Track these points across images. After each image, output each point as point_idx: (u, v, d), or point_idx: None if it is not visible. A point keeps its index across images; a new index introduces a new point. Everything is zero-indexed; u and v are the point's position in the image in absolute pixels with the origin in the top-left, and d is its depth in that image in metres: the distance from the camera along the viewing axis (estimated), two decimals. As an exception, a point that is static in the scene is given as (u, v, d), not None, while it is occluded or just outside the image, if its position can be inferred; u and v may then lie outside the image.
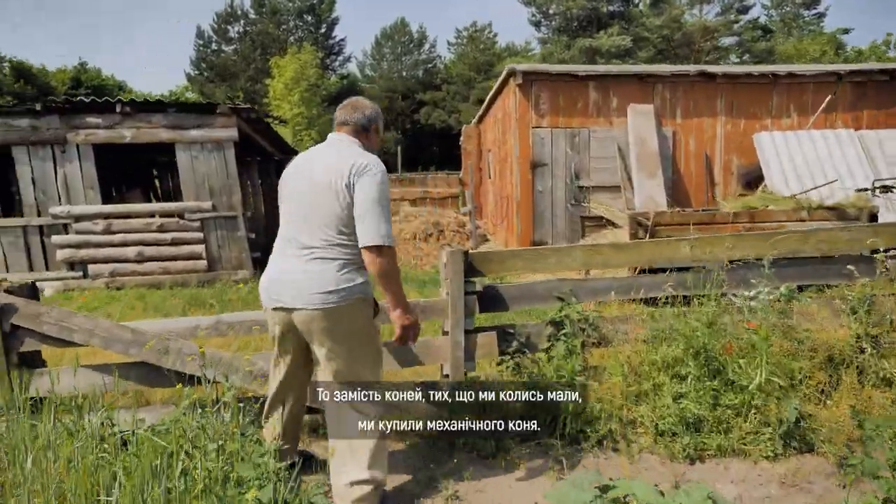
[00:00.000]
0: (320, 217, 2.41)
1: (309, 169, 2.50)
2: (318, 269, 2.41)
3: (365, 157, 2.45)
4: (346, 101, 2.69)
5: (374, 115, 2.66)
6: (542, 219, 9.42)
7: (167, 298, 7.63)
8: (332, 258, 2.41)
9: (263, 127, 10.07)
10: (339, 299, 2.40)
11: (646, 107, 9.47)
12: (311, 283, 2.40)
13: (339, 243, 2.42)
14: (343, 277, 2.41)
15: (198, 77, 48.65)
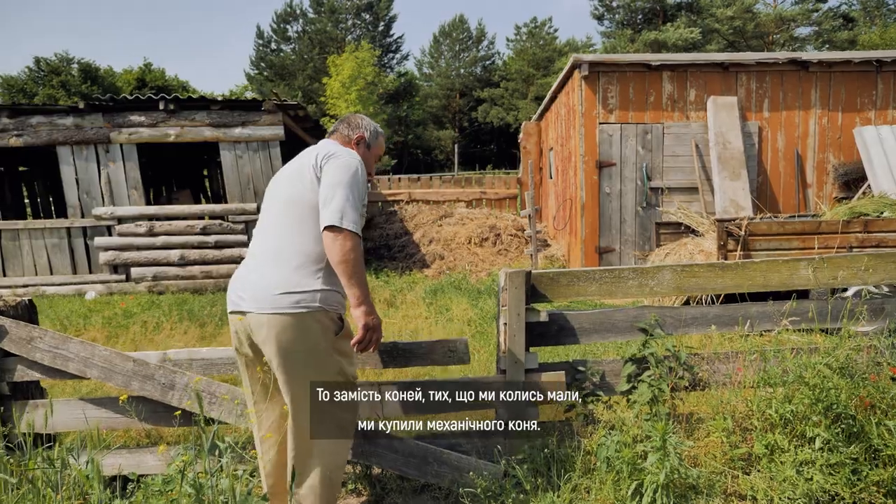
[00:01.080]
0: (282, 214, 2.23)
1: (282, 171, 2.41)
2: (272, 269, 2.16)
3: (337, 147, 2.32)
4: (344, 116, 2.61)
5: (364, 130, 2.54)
6: (610, 224, 8.67)
7: (206, 305, 7.27)
8: (287, 256, 2.16)
9: (312, 125, 9.66)
10: (291, 305, 2.10)
11: (728, 99, 8.58)
12: (263, 282, 2.15)
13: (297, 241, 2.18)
14: (298, 280, 2.13)
15: (257, 76, 49.50)
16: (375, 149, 2.60)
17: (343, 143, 2.47)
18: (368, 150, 2.55)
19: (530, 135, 12.74)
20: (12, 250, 8.18)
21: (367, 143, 2.54)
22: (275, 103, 8.11)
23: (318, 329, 2.16)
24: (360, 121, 2.56)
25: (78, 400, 2.97)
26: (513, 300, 2.79)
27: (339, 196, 2.13)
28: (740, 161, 8.43)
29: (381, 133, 2.63)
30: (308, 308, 2.12)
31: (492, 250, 10.05)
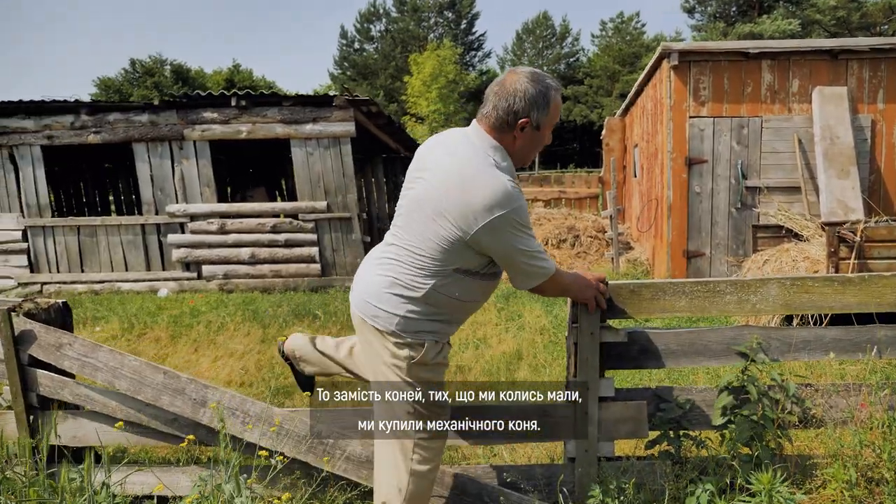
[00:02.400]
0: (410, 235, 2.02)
1: (420, 169, 2.06)
2: (379, 273, 2.07)
3: (494, 195, 1.86)
4: (500, 76, 2.02)
5: (527, 104, 1.94)
6: (700, 226, 8.02)
7: (273, 305, 7.20)
8: (394, 274, 2.03)
9: (385, 122, 9.49)
10: (371, 317, 2.04)
11: (837, 89, 7.76)
12: (366, 285, 2.10)
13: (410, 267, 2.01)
14: (389, 298, 2.03)
15: (340, 76, 50.54)
16: (550, 119, 2.02)
17: (499, 132, 1.98)
18: (538, 130, 2.01)
19: (614, 131, 12.14)
20: (90, 246, 8.42)
21: (536, 125, 1.98)
22: (346, 99, 7.97)
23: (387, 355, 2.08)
24: (523, 97, 1.94)
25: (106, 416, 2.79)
26: (585, 316, 2.41)
27: (519, 259, 1.98)
28: (850, 157, 7.60)
29: (552, 91, 1.98)
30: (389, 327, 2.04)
31: (570, 252, 9.58)
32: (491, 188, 1.87)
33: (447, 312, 2.09)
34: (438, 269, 1.99)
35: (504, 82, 1.97)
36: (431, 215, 1.94)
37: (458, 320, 2.19)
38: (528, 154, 2.07)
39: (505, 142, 1.99)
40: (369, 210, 11.98)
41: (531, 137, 2.00)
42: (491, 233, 1.88)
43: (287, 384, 4.55)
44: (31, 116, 8.19)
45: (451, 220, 1.90)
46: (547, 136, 2.07)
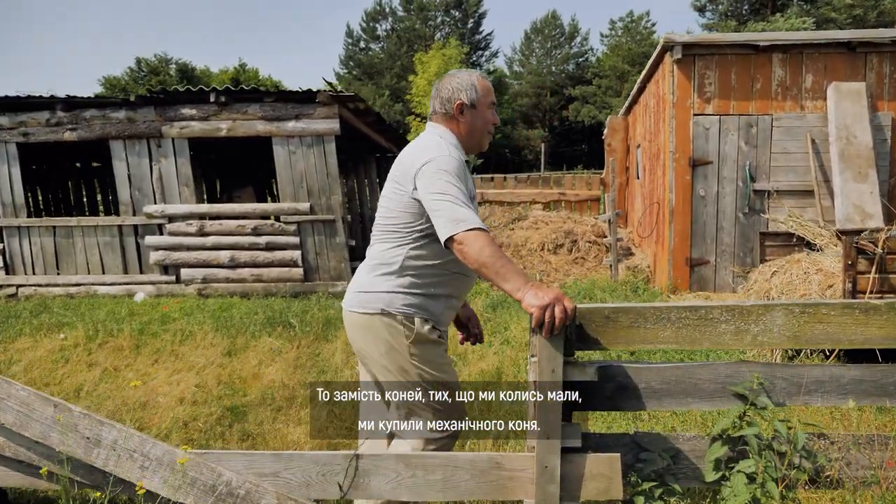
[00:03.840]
0: (379, 217, 2.22)
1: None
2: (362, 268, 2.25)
3: (428, 150, 2.09)
4: (434, 88, 2.31)
5: (455, 90, 2.21)
6: (704, 231, 7.53)
7: (249, 313, 6.77)
8: (371, 256, 2.21)
9: (374, 119, 9.05)
10: (359, 305, 2.15)
11: (854, 85, 7.24)
12: (354, 282, 2.25)
13: (381, 239, 2.19)
14: (371, 280, 2.16)
15: (346, 76, 50.16)
16: (482, 99, 2.24)
17: (445, 122, 2.23)
18: (475, 108, 2.22)
19: (616, 131, 11.65)
20: (66, 248, 8.04)
21: (471, 103, 2.21)
22: (329, 94, 7.54)
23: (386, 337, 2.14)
24: (449, 86, 2.22)
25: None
26: (545, 349, 1.95)
27: (444, 202, 1.97)
28: (868, 159, 7.09)
29: (478, 78, 2.24)
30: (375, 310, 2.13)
31: (567, 258, 9.11)
32: (427, 147, 2.10)
33: (429, 284, 2.16)
34: (404, 234, 2.11)
35: (437, 85, 2.26)
36: (390, 189, 2.14)
37: (444, 295, 2.21)
38: (478, 134, 2.25)
39: (453, 128, 2.21)
40: (361, 212, 11.56)
41: (472, 116, 2.20)
42: (422, 179, 2.01)
43: (242, 403, 4.13)
44: (6, 113, 7.82)
45: (400, 181, 2.10)
46: (488, 115, 2.25)
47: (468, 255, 1.92)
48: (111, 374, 4.78)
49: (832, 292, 4.29)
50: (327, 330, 6.06)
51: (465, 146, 2.22)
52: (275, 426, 3.72)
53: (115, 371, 4.85)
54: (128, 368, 4.90)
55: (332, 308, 7.00)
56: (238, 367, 4.87)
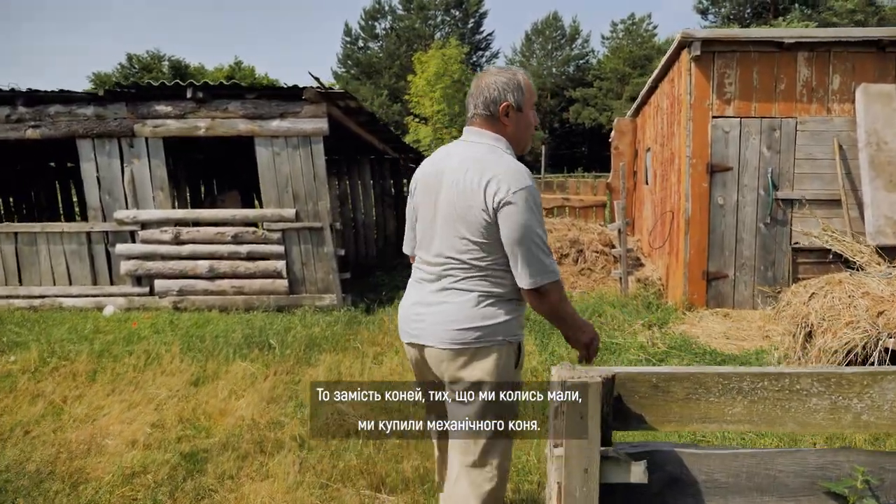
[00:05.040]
0: (452, 243, 2.02)
1: (438, 180, 2.08)
2: (452, 301, 2.04)
3: (500, 172, 1.94)
4: (473, 89, 2.12)
5: (502, 91, 2.06)
6: (722, 243, 6.99)
7: (227, 330, 6.23)
8: (468, 290, 2.03)
9: (367, 119, 8.51)
10: (475, 340, 2.00)
11: (885, 87, 6.72)
12: (444, 317, 2.04)
13: (477, 272, 2.02)
14: (481, 312, 2.01)
15: (344, 74, 49.59)
16: (527, 99, 2.13)
17: (491, 127, 2.09)
18: (521, 111, 2.11)
19: (623, 133, 11.11)
20: (29, 256, 7.47)
21: (517, 105, 2.09)
22: (317, 91, 6.98)
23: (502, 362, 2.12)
24: (495, 85, 2.08)
25: None
26: (575, 448, 1.41)
27: (527, 248, 1.94)
28: (901, 167, 6.57)
29: (523, 77, 2.12)
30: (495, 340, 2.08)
31: (572, 269, 8.56)
32: (506, 165, 1.97)
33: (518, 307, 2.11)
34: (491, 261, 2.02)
35: (477, 83, 2.11)
36: (463, 212, 1.98)
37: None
38: (523, 137, 2.15)
39: (497, 130, 2.08)
40: (354, 217, 11.02)
41: (517, 119, 2.10)
42: (507, 207, 1.92)
43: (204, 448, 3.57)
44: (-35, 109, 7.25)
45: (478, 204, 1.95)
46: (531, 116, 2.15)
47: (546, 304, 2.00)
48: (57, 408, 4.22)
49: (885, 321, 3.75)
50: (310, 353, 5.51)
51: (514, 149, 2.13)
52: (238, 481, 3.16)
53: (63, 404, 4.29)
54: (78, 401, 4.34)
55: (318, 325, 6.45)
56: (204, 400, 4.31)
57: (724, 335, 6.25)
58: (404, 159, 11.91)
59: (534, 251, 1.93)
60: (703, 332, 6.36)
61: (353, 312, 7.14)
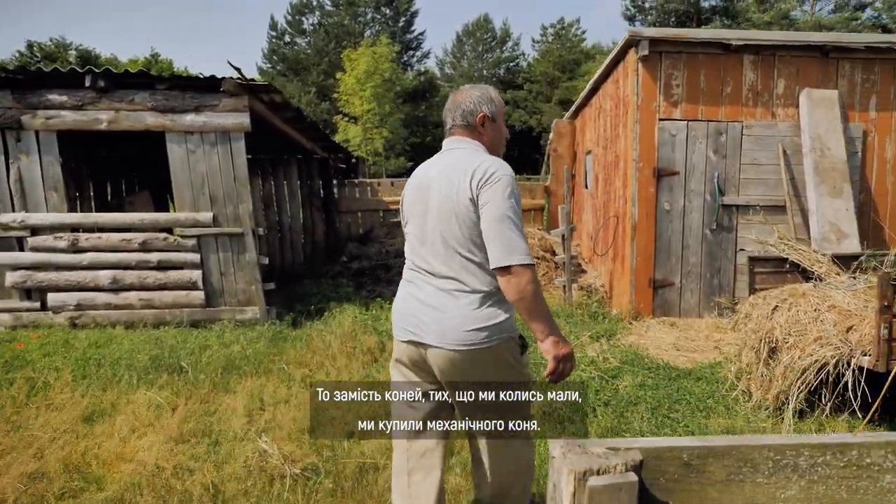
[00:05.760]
0: (446, 240, 2.16)
1: (427, 183, 2.26)
2: (455, 302, 2.14)
3: (485, 161, 2.16)
4: (451, 103, 2.37)
5: (477, 103, 2.31)
6: (669, 250, 6.81)
7: (132, 350, 5.54)
8: (469, 290, 2.15)
9: (294, 115, 7.91)
10: (482, 340, 2.12)
11: (827, 93, 6.70)
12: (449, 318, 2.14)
13: (473, 269, 2.15)
14: (484, 313, 2.14)
15: (269, 70, 48.08)
16: (499, 111, 2.37)
17: (470, 135, 2.31)
18: (495, 121, 2.35)
19: (563, 135, 10.92)
20: None
21: (491, 116, 2.33)
22: (238, 83, 6.37)
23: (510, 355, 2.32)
24: (470, 99, 2.31)
25: None
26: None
27: (504, 229, 2.05)
28: (843, 173, 6.55)
29: (494, 92, 2.37)
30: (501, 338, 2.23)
31: (513, 276, 8.22)
32: (489, 158, 2.19)
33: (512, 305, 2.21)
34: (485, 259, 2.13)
35: (454, 99, 2.35)
36: (454, 206, 2.12)
37: None
38: (497, 144, 2.39)
39: (475, 138, 2.31)
40: (280, 221, 10.36)
41: (492, 128, 2.34)
42: (486, 186, 2.08)
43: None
44: None
45: (464, 192, 2.10)
46: (503, 126, 2.41)
47: (514, 285, 2.03)
48: None
49: (857, 338, 3.54)
50: (228, 376, 4.92)
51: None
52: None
53: None
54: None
55: (238, 343, 5.85)
56: (98, 442, 3.68)
57: (673, 346, 6.04)
58: (334, 159, 11.33)
59: (507, 230, 2.04)
60: (651, 343, 6.13)
61: (279, 327, 6.55)
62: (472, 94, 2.30)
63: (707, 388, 4.69)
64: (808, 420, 3.81)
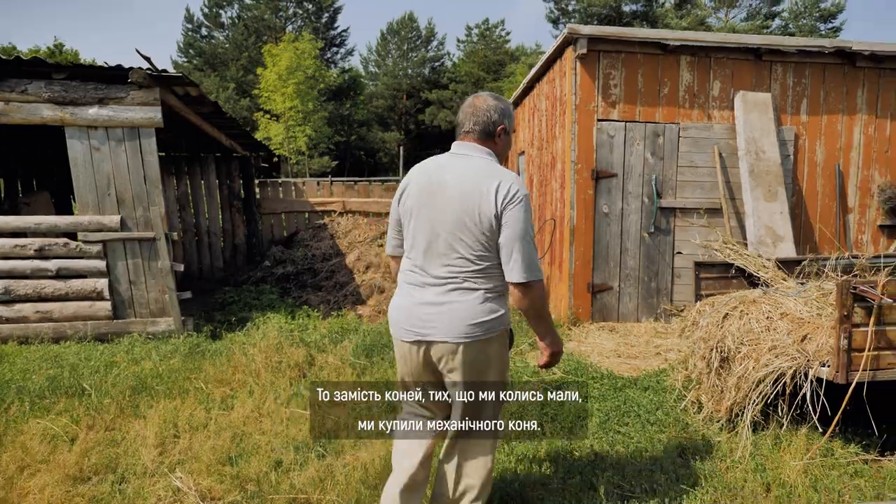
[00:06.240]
0: (460, 244, 2.31)
1: (440, 187, 2.35)
2: (460, 300, 2.32)
3: (507, 178, 2.31)
4: (466, 102, 2.52)
5: (500, 115, 2.46)
6: (607, 254, 6.70)
7: (26, 370, 4.93)
8: (473, 288, 2.33)
9: (211, 110, 7.37)
10: (484, 332, 2.33)
11: (761, 96, 6.77)
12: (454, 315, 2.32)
13: (478, 272, 2.33)
14: (486, 308, 2.33)
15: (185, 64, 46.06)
16: (514, 122, 2.66)
17: (485, 143, 2.43)
18: (509, 135, 2.53)
19: (494, 136, 10.73)
20: None
21: (508, 130, 2.50)
22: (148, 74, 5.82)
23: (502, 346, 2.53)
24: (494, 110, 2.43)
25: None
26: None
27: (523, 247, 2.25)
28: (777, 176, 6.63)
29: (509, 103, 2.54)
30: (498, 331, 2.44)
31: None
32: (510, 174, 2.35)
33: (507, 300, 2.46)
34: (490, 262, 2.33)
35: (475, 104, 2.45)
36: (473, 214, 2.27)
37: None
38: (505, 154, 2.55)
39: (490, 147, 2.44)
40: (197, 224, 9.72)
41: (506, 140, 2.51)
42: (511, 206, 2.25)
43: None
44: None
45: (488, 204, 2.25)
46: (512, 139, 2.77)
47: (530, 298, 2.30)
48: None
49: (814, 348, 3.44)
50: (138, 398, 4.42)
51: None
52: None
53: None
54: None
55: (149, 358, 5.32)
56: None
57: (614, 353, 5.92)
58: (256, 158, 10.75)
59: (528, 249, 2.26)
60: (592, 349, 6.00)
61: (196, 339, 6.03)
62: (498, 106, 2.44)
63: (655, 398, 4.55)
64: (763, 433, 3.70)
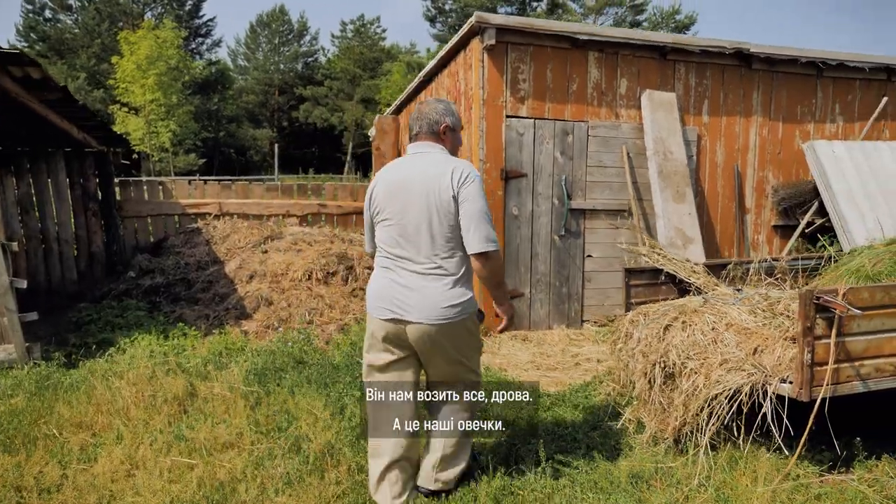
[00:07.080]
0: (429, 231, 2.59)
1: (407, 182, 2.64)
2: (433, 285, 2.60)
3: (460, 164, 2.64)
4: (414, 110, 2.83)
5: (442, 115, 2.77)
6: (518, 258, 6.36)
7: None
8: (443, 274, 2.60)
9: (60, 98, 6.27)
10: (456, 314, 2.61)
11: (667, 95, 6.70)
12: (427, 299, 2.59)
13: (447, 258, 2.61)
14: (457, 292, 2.62)
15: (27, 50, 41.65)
16: (458, 123, 2.87)
17: (434, 140, 2.77)
18: (454, 131, 2.83)
19: (386, 133, 10.18)
20: None
21: (452, 127, 2.80)
22: (-26, 48, 4.75)
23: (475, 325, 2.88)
24: (436, 112, 2.78)
25: None
26: None
27: (481, 221, 2.57)
28: (684, 177, 6.58)
29: (451, 105, 2.87)
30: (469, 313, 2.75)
31: (342, 290, 7.31)
32: (460, 162, 2.68)
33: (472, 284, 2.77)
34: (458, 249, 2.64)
35: (420, 109, 2.81)
36: (436, 201, 2.58)
37: None
38: (455, 151, 2.86)
39: (441, 144, 2.78)
40: (44, 230, 8.41)
41: (452, 137, 2.83)
42: (465, 185, 2.57)
43: None
44: None
45: (446, 188, 2.57)
46: (460, 135, 2.93)
47: (489, 267, 2.61)
48: None
49: (772, 362, 3.21)
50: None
51: None
52: None
53: None
54: None
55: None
56: None
57: (532, 364, 5.58)
58: (115, 154, 9.49)
59: (485, 222, 2.58)
60: (508, 361, 5.63)
61: (46, 370, 5.00)
62: (438, 107, 2.78)
63: (588, 417, 4.21)
64: (716, 455, 3.42)
